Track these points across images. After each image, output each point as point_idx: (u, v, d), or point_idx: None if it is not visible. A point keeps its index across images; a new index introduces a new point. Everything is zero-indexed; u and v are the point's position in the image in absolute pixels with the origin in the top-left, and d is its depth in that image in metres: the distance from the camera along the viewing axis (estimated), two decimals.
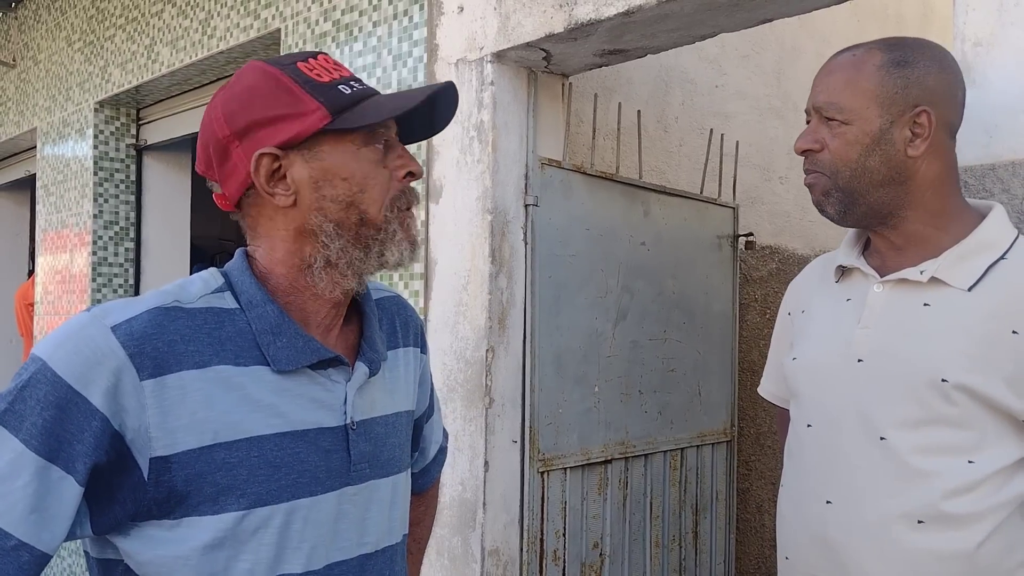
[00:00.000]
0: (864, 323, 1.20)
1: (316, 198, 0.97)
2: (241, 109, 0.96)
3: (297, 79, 0.96)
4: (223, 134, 0.96)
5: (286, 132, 0.95)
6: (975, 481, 1.10)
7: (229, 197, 1.00)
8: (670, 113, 3.15)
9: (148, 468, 0.87)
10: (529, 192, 2.21)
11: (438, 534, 2.23)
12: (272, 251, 0.99)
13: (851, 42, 1.30)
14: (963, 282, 1.14)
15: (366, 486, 1.02)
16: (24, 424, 0.83)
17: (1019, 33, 1.37)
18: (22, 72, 4.33)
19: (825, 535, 1.20)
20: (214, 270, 1.00)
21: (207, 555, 0.90)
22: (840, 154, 1.19)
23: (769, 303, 3.21)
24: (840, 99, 1.18)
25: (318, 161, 0.97)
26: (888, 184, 1.18)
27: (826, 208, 1.22)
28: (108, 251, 3.73)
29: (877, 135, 1.17)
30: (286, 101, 0.95)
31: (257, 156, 0.95)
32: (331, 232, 0.97)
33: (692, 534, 2.77)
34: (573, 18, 1.96)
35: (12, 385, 0.86)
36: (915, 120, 1.16)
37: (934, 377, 1.11)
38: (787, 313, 1.43)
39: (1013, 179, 1.36)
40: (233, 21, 2.91)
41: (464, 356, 2.18)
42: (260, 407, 0.93)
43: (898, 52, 1.18)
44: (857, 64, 1.19)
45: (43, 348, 0.87)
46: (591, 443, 2.37)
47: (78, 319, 0.89)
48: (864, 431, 1.17)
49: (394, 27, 2.37)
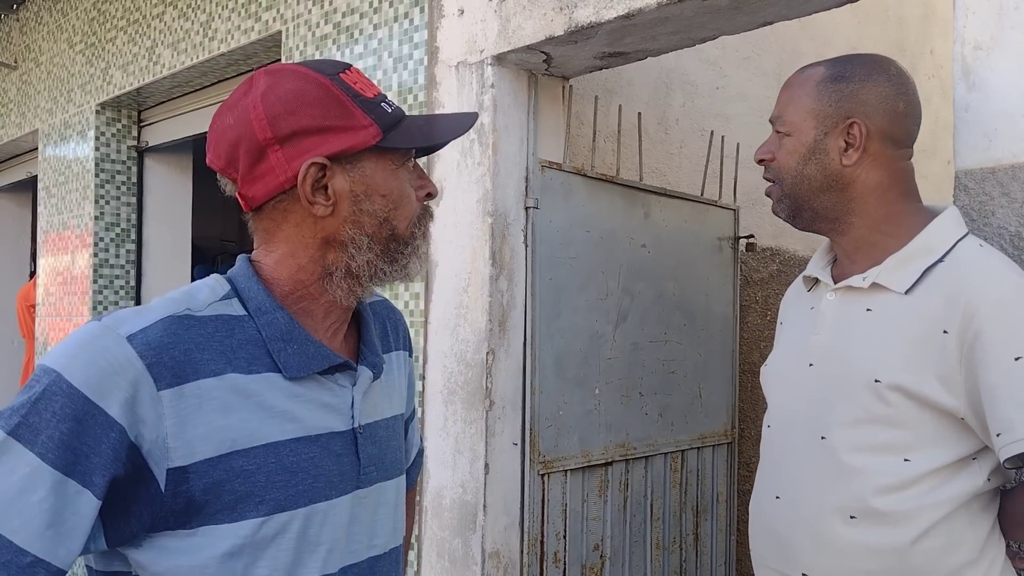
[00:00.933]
0: (816, 329, 1.29)
1: (354, 211, 0.98)
2: (287, 114, 0.95)
3: (347, 92, 0.97)
4: (263, 136, 0.94)
5: (337, 144, 0.95)
6: (910, 479, 1.14)
7: (253, 199, 0.98)
8: (671, 115, 3.16)
9: (165, 479, 0.86)
10: (529, 194, 2.22)
11: (439, 536, 2.23)
12: (292, 256, 0.99)
13: (852, 44, 1.35)
14: (900, 286, 1.19)
15: (374, 488, 1.03)
16: (40, 437, 0.82)
17: (1019, 37, 1.37)
18: (24, 74, 4.34)
19: (774, 529, 1.28)
20: (219, 277, 0.99)
21: (225, 563, 0.89)
22: (783, 163, 1.30)
23: (770, 305, 3.21)
24: (784, 113, 1.30)
25: (360, 176, 0.98)
26: (827, 191, 1.27)
27: (779, 213, 1.33)
28: (109, 253, 3.73)
29: (812, 145, 1.27)
30: (337, 113, 0.96)
31: (308, 165, 0.94)
32: (363, 245, 0.98)
33: (693, 536, 2.77)
34: (573, 21, 1.97)
35: (24, 398, 0.84)
36: (848, 131, 1.25)
37: (869, 378, 1.17)
38: (780, 323, 1.51)
39: (1013, 183, 1.36)
40: (234, 23, 2.92)
41: (464, 358, 2.19)
42: (275, 413, 0.93)
43: (839, 68, 1.28)
44: (802, 81, 1.30)
45: (56, 359, 0.85)
46: (592, 445, 2.37)
47: (90, 329, 0.88)
48: (809, 431, 1.24)
49: (395, 29, 2.37)
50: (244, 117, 0.96)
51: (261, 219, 1.00)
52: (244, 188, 0.97)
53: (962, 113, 1.42)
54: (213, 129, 1.00)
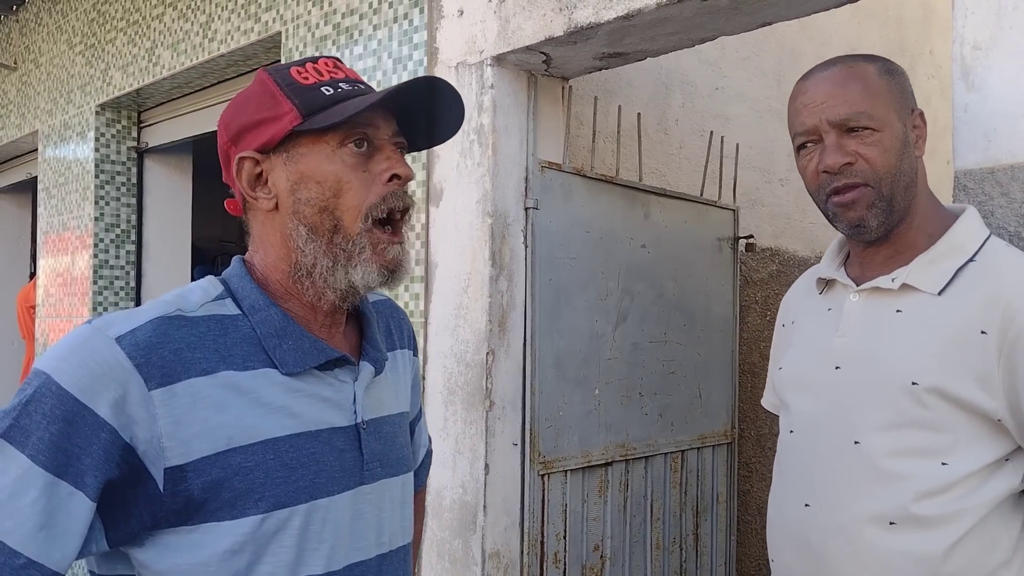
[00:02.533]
0: (841, 332, 1.24)
1: (292, 202, 0.96)
2: (235, 116, 0.99)
3: (281, 82, 0.97)
4: (223, 141, 1.00)
5: (264, 135, 0.96)
6: (948, 483, 1.12)
7: (237, 202, 1.02)
8: (670, 115, 3.16)
9: (163, 479, 0.86)
10: (529, 195, 2.22)
11: (439, 537, 2.23)
12: (266, 256, 1.00)
13: (852, 44, 1.34)
14: (933, 286, 1.17)
15: (379, 485, 1.02)
16: (30, 439, 0.82)
17: (1018, 37, 1.37)
18: (23, 75, 4.34)
19: (804, 538, 1.23)
20: (212, 278, 1.00)
21: (227, 560, 0.89)
22: (881, 161, 1.17)
23: (769, 305, 3.21)
24: (867, 108, 1.17)
25: (295, 164, 0.96)
26: (911, 187, 1.21)
27: (869, 222, 1.19)
28: (109, 254, 3.73)
29: (903, 138, 1.19)
30: (267, 104, 0.96)
31: (238, 160, 0.97)
32: (304, 236, 0.96)
33: (693, 536, 2.77)
34: (573, 21, 1.97)
35: (16, 401, 0.85)
36: (914, 123, 1.22)
37: (905, 381, 1.13)
38: (781, 325, 1.48)
39: (1012, 183, 1.36)
40: (234, 24, 2.92)
41: (464, 359, 2.19)
42: (273, 409, 0.93)
43: (880, 62, 1.23)
44: (860, 75, 1.20)
45: (46, 362, 0.86)
46: (592, 445, 2.37)
47: (80, 331, 0.88)
48: (840, 436, 1.20)
49: (394, 30, 2.38)
50: (218, 127, 1.02)
51: (248, 222, 1.03)
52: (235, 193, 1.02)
53: (961, 113, 1.42)
54: None
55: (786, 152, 3.71)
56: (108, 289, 3.72)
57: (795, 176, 3.74)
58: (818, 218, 3.88)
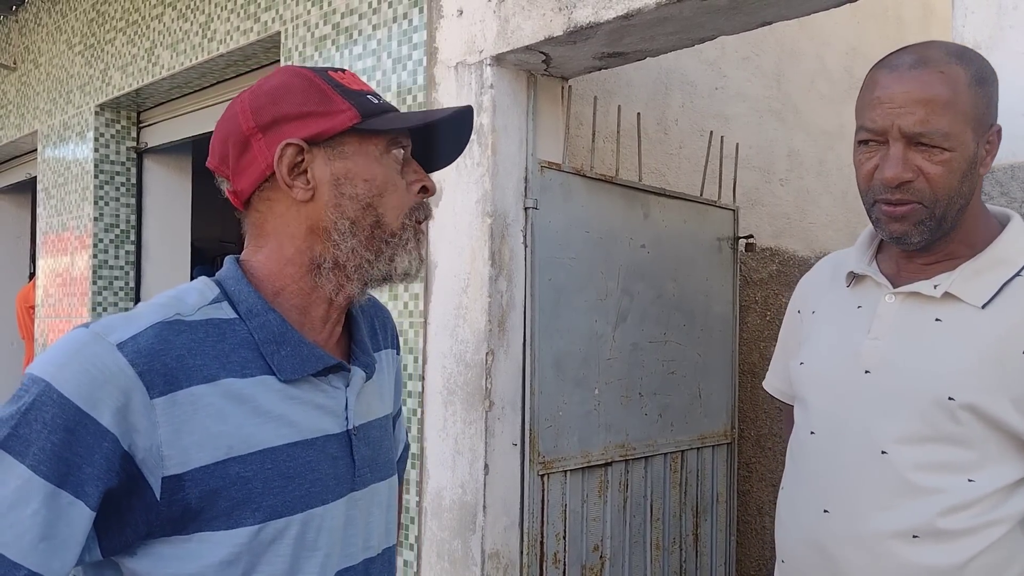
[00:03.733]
0: (874, 334, 1.19)
1: (335, 195, 0.97)
2: (269, 104, 0.97)
3: (329, 82, 0.98)
4: (247, 126, 0.96)
5: (314, 127, 0.96)
6: (974, 499, 1.10)
7: (241, 192, 0.99)
8: (670, 115, 3.16)
9: (160, 488, 0.85)
10: (529, 195, 2.22)
11: (439, 537, 2.23)
12: (280, 249, 0.98)
13: (851, 44, 1.31)
14: (977, 299, 1.12)
15: (369, 490, 1.02)
16: (31, 449, 0.80)
17: (1018, 36, 1.37)
18: (23, 75, 4.34)
19: (820, 543, 1.20)
20: (207, 280, 0.98)
21: (222, 570, 0.88)
22: (943, 183, 1.10)
23: (769, 305, 3.21)
24: (943, 125, 1.08)
25: (341, 160, 0.98)
26: (966, 207, 1.14)
27: (912, 237, 1.14)
28: (109, 254, 3.73)
29: (972, 159, 1.11)
30: (317, 100, 0.97)
31: (283, 146, 0.95)
32: (345, 230, 0.97)
33: (693, 536, 2.77)
34: (572, 21, 1.97)
35: (13, 408, 0.82)
36: (988, 139, 1.14)
37: (941, 395, 1.10)
38: (796, 311, 1.41)
39: (1012, 182, 1.36)
40: (233, 24, 2.91)
41: (464, 359, 2.18)
42: (271, 418, 0.92)
43: (975, 67, 1.12)
44: (950, 84, 1.10)
45: (44, 368, 0.83)
46: (591, 445, 2.37)
47: (77, 337, 0.86)
48: (866, 443, 1.16)
49: (394, 30, 2.37)
50: (231, 113, 0.99)
51: (250, 214, 1.00)
52: (234, 182, 0.99)
53: None
54: (215, 132, 1.02)
55: (786, 152, 3.71)
56: (107, 289, 3.72)
57: (795, 176, 3.74)
58: (818, 218, 3.89)
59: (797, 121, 3.74)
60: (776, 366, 1.51)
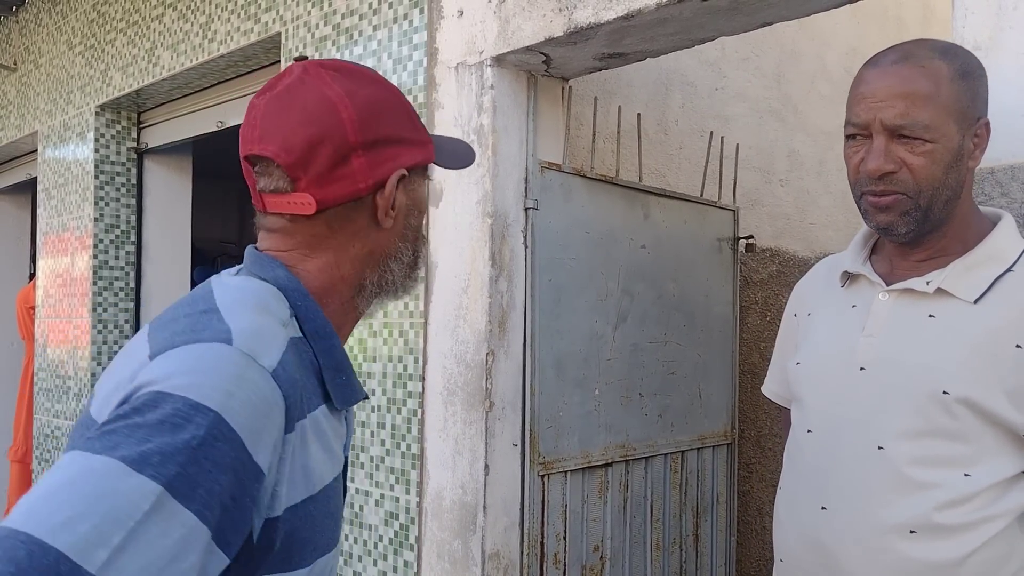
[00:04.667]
0: (868, 331, 1.20)
1: (404, 225, 0.98)
2: (373, 119, 0.92)
3: (410, 105, 0.98)
4: (355, 139, 0.90)
5: (412, 157, 0.95)
6: (970, 493, 1.10)
7: (323, 202, 0.90)
8: (670, 116, 3.16)
9: (260, 530, 0.77)
10: (529, 195, 2.22)
11: (439, 537, 2.23)
12: (338, 267, 0.94)
13: (852, 45, 1.30)
14: (969, 294, 1.14)
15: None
16: (198, 492, 0.69)
17: (1017, 37, 1.37)
18: (23, 75, 4.34)
19: (819, 540, 1.21)
20: (269, 286, 0.90)
21: None
22: (925, 173, 1.13)
23: (769, 305, 3.21)
24: (923, 117, 1.11)
25: (413, 191, 0.98)
26: (953, 199, 1.16)
27: (898, 228, 1.16)
28: (109, 254, 3.73)
29: (956, 151, 1.14)
30: (409, 125, 0.96)
31: (399, 175, 0.93)
32: (402, 259, 0.98)
33: (693, 537, 2.77)
34: (572, 22, 1.97)
35: (178, 440, 0.69)
36: (976, 132, 1.16)
37: (936, 389, 1.11)
38: (792, 315, 1.43)
39: (1012, 183, 1.36)
40: (233, 25, 2.92)
41: (464, 359, 2.19)
42: (331, 452, 0.88)
43: (959, 61, 1.15)
44: (930, 77, 1.12)
45: (210, 395, 0.72)
46: (591, 446, 2.37)
47: (232, 358, 0.76)
48: (863, 440, 1.17)
49: (394, 31, 2.38)
50: (330, 115, 0.89)
51: (313, 224, 0.92)
52: (314, 189, 0.89)
53: None
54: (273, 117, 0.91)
55: (786, 153, 3.71)
56: (108, 290, 3.72)
57: (795, 176, 3.75)
58: (818, 218, 3.89)
59: (797, 122, 3.74)
60: (773, 370, 1.52)
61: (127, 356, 0.84)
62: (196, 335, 0.78)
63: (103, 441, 0.69)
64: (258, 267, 0.92)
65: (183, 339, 0.78)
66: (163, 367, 0.75)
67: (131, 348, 0.86)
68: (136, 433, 0.69)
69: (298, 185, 0.90)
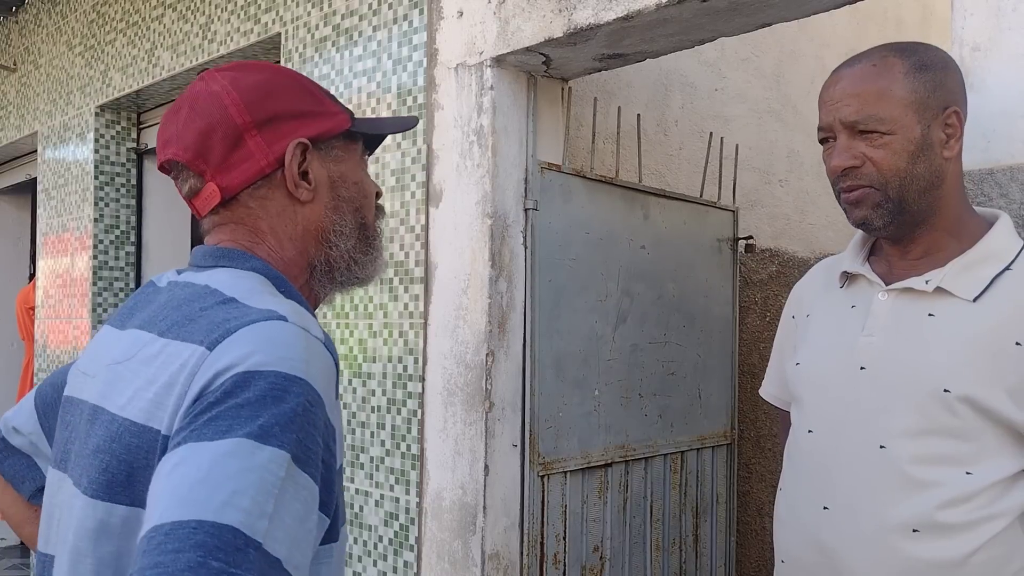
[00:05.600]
0: (868, 331, 1.21)
1: (332, 197, 0.98)
2: (263, 99, 0.94)
3: (312, 83, 0.99)
4: (242, 120, 0.93)
5: (315, 128, 0.96)
6: (972, 492, 1.10)
7: (228, 188, 0.94)
8: (670, 116, 3.16)
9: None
10: (529, 196, 2.22)
11: (438, 538, 2.23)
12: (281, 250, 0.96)
13: (851, 45, 1.31)
14: (968, 292, 1.14)
15: None
16: (310, 456, 0.74)
17: (1017, 38, 1.37)
18: (23, 76, 4.34)
19: (821, 540, 1.20)
20: (259, 276, 0.93)
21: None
22: (888, 165, 1.16)
23: (769, 306, 3.21)
24: (877, 111, 1.16)
25: (335, 162, 0.99)
26: (930, 189, 1.18)
27: (873, 221, 1.19)
28: (109, 255, 3.73)
29: (920, 141, 1.16)
30: (310, 100, 0.97)
31: (295, 145, 0.94)
32: (342, 232, 0.98)
33: (693, 537, 2.77)
34: (572, 23, 1.97)
35: (287, 410, 0.73)
36: (946, 122, 1.18)
37: (936, 387, 1.11)
38: (791, 316, 1.43)
39: (1011, 184, 1.36)
40: (233, 25, 2.92)
41: (464, 360, 2.19)
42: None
43: (916, 56, 1.18)
44: (882, 73, 1.17)
45: (293, 365, 0.76)
46: (591, 446, 2.37)
47: (292, 332, 0.80)
48: (864, 439, 1.17)
49: (394, 31, 2.38)
50: (214, 104, 0.93)
51: (235, 211, 0.95)
52: (218, 178, 0.93)
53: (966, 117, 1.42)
54: (171, 124, 0.95)
55: (785, 153, 3.71)
56: (107, 291, 3.72)
57: (795, 177, 3.75)
58: (818, 219, 3.89)
59: (797, 122, 3.75)
60: (771, 373, 1.52)
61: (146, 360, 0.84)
62: (246, 319, 0.80)
63: (213, 427, 0.72)
64: (230, 260, 0.94)
65: (235, 324, 0.80)
66: (237, 350, 0.77)
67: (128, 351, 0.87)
68: (243, 412, 0.72)
69: (206, 178, 0.94)
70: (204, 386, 0.76)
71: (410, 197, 2.32)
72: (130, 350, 0.87)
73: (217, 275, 0.91)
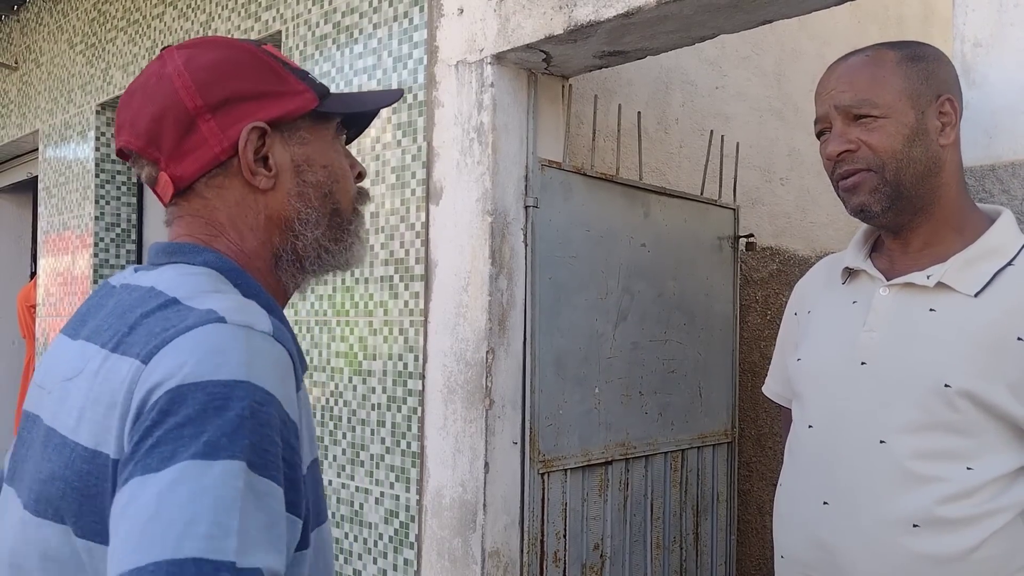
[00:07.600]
0: (869, 326, 1.21)
1: (297, 183, 0.92)
2: (217, 80, 0.87)
3: (276, 59, 0.92)
4: (193, 104, 0.86)
5: (274, 110, 0.89)
6: (973, 487, 1.10)
7: (181, 178, 0.88)
8: (670, 114, 3.16)
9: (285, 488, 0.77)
10: (529, 193, 2.22)
11: (439, 535, 2.23)
12: (242, 242, 0.91)
13: (852, 43, 1.31)
14: (969, 288, 1.14)
15: None
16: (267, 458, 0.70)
17: (1019, 34, 1.37)
18: (24, 74, 4.34)
19: (821, 536, 1.20)
20: (210, 271, 0.88)
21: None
22: (884, 147, 1.17)
23: (770, 304, 3.20)
24: (871, 95, 1.18)
25: (300, 145, 0.92)
26: (928, 176, 1.18)
27: (872, 207, 1.20)
28: (110, 253, 3.73)
29: (915, 126, 1.18)
30: (271, 79, 0.90)
31: (249, 129, 0.87)
32: (308, 220, 0.92)
33: (693, 535, 2.77)
34: (573, 20, 1.97)
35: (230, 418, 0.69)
36: (940, 110, 1.19)
37: (937, 382, 1.11)
38: (793, 313, 1.43)
39: (1013, 180, 1.36)
40: (234, 23, 2.92)
41: (464, 357, 2.19)
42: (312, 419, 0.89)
43: (908, 49, 1.21)
44: (875, 62, 1.20)
45: (230, 369, 0.71)
46: (591, 444, 2.37)
47: (230, 331, 0.75)
48: (864, 434, 1.17)
49: (394, 29, 2.38)
50: (166, 88, 0.87)
51: (191, 202, 0.90)
52: (171, 166, 0.88)
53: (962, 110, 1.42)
54: (125, 109, 0.90)
55: (786, 151, 3.71)
56: None
57: (795, 175, 3.74)
58: (818, 217, 3.89)
59: (798, 120, 3.74)
60: (774, 370, 1.52)
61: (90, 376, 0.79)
62: (182, 325, 0.75)
63: (157, 456, 0.68)
64: (182, 255, 0.89)
65: (171, 333, 0.75)
66: (169, 361, 0.72)
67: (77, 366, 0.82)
68: (184, 432, 0.68)
69: (160, 167, 0.89)
70: (140, 404, 0.72)
71: (410, 194, 2.32)
72: (78, 364, 0.83)
73: (165, 273, 0.86)
